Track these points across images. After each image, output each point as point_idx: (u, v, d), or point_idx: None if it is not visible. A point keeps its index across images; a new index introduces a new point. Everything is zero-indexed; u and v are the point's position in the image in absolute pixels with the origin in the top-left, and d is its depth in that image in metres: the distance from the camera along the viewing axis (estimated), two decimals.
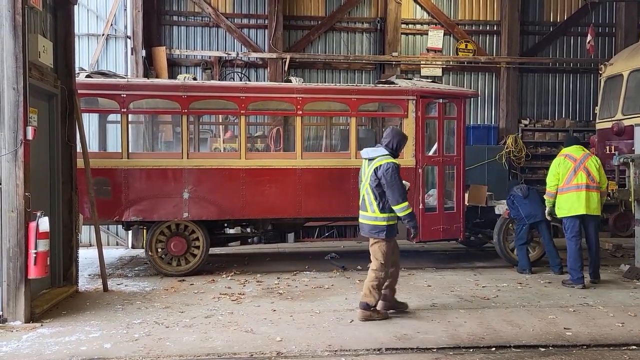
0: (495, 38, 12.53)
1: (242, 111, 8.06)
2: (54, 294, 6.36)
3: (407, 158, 8.33)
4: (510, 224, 8.43)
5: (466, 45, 12.26)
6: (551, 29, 12.66)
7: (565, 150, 7.39)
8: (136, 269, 8.37)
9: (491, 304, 6.30)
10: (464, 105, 8.77)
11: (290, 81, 8.60)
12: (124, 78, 8.27)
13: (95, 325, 5.49)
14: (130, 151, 7.82)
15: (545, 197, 7.50)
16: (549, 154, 12.15)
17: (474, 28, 12.52)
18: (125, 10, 10.89)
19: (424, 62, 12.16)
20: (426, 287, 7.19)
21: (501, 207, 8.76)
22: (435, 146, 8.72)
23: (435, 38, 12.23)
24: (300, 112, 8.20)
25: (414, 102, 8.37)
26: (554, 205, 7.35)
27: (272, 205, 8.08)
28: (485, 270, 8.30)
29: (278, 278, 7.74)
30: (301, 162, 8.16)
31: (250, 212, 8.07)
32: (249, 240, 11.08)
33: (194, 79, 8.36)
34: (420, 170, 8.35)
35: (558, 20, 12.69)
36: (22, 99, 5.45)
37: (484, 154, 11.76)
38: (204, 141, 11.05)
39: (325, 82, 11.78)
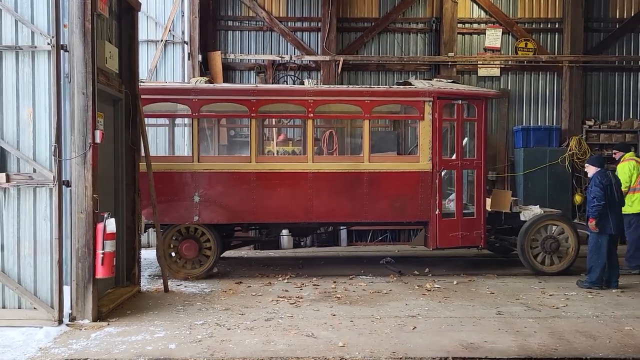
0: (557, 36, 12.02)
1: (252, 114, 7.99)
2: (118, 294, 6.52)
3: (423, 162, 8.10)
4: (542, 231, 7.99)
5: (526, 44, 11.82)
6: (617, 26, 12.04)
7: (629, 155, 8.41)
8: None
9: (561, 314, 6.00)
10: (485, 106, 8.42)
11: (303, 83, 8.49)
12: (141, 82, 8.23)
13: (159, 325, 5.58)
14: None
15: None
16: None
17: (534, 26, 12.05)
18: (183, 16, 11.12)
19: (481, 62, 11.82)
20: (489, 295, 6.93)
21: (527, 213, 8.29)
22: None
23: (493, 37, 11.86)
24: (312, 115, 8.07)
25: (431, 103, 8.11)
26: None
27: (283, 210, 7.97)
28: (551, 277, 7.93)
29: (334, 282, 7.66)
30: (312, 166, 8.01)
31: (261, 216, 8.01)
32: (302, 243, 11.13)
33: (208, 81, 8.33)
34: (437, 174, 8.08)
35: (625, 17, 12.05)
36: (90, 103, 5.62)
37: (545, 157, 11.29)
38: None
39: (378, 84, 11.64)
